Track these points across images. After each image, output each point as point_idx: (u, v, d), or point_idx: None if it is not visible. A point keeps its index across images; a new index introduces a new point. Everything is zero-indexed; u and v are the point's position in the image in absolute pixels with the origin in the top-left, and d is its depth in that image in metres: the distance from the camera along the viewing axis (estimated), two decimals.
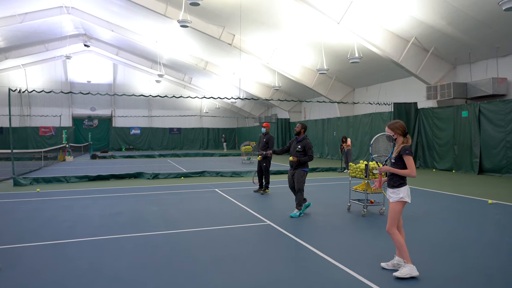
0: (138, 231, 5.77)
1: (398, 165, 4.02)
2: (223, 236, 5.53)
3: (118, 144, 38.06)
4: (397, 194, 4.00)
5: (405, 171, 3.96)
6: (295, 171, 7.11)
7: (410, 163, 3.94)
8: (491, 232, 5.66)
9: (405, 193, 3.99)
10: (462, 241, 5.23)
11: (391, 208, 4.04)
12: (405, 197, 3.99)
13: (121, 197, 9.09)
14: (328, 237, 5.54)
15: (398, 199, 3.99)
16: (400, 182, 4.00)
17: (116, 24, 25.18)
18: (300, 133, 7.20)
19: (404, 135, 4.07)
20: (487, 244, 5.06)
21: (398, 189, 4.00)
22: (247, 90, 30.08)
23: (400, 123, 4.11)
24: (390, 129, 4.09)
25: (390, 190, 4.08)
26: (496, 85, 14.07)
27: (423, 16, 13.64)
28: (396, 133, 4.06)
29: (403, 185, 4.01)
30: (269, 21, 17.51)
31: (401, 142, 4.06)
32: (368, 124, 20.26)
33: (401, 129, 4.06)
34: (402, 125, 4.09)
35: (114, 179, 12.59)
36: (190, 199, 8.82)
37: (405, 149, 3.97)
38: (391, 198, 4.07)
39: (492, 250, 4.79)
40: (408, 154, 3.95)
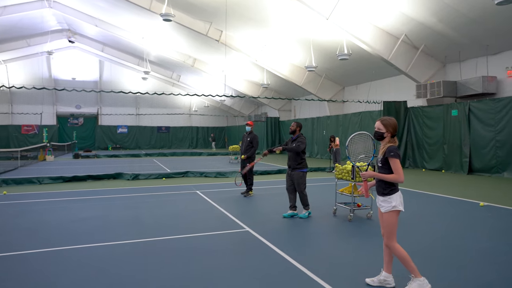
0: (97, 241, 5.24)
1: (385, 169, 3.52)
2: (192, 246, 5.04)
3: (104, 143, 37.22)
4: (389, 203, 3.51)
5: (391, 176, 3.46)
6: (293, 173, 6.76)
7: (396, 166, 3.44)
8: (485, 239, 5.28)
9: (398, 200, 3.51)
10: (455, 249, 4.83)
11: (385, 220, 3.55)
12: (398, 205, 3.50)
13: (94, 200, 8.53)
14: (309, 246, 5.09)
15: (391, 209, 3.50)
16: (391, 189, 3.51)
17: (100, 19, 24.44)
18: (295, 132, 6.92)
19: (393, 135, 3.59)
20: (482, 252, 4.67)
21: (389, 197, 3.51)
22: (236, 88, 29.58)
23: (393, 120, 3.62)
24: (382, 124, 3.57)
25: (380, 198, 3.59)
26: (486, 84, 13.83)
27: (413, 13, 13.31)
28: (388, 131, 3.54)
29: (395, 192, 3.52)
30: (257, 16, 17.03)
31: (387, 142, 3.56)
32: (357, 123, 19.94)
33: (393, 127, 3.56)
34: (395, 123, 3.60)
35: (92, 180, 11.99)
36: (168, 202, 8.31)
37: (390, 151, 3.46)
38: (382, 208, 3.57)
39: (488, 260, 4.40)
40: (394, 156, 3.44)
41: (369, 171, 3.67)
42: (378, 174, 3.54)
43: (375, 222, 6.31)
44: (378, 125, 3.61)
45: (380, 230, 4.32)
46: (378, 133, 3.61)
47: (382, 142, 3.61)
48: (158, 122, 39.36)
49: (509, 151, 12.72)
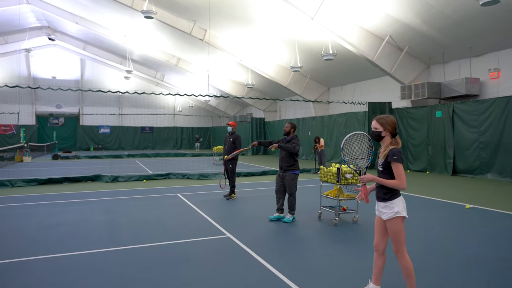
0: (66, 250, 4.86)
1: (386, 174, 3.20)
2: (168, 255, 4.73)
3: (86, 144, 36.28)
4: (391, 209, 3.19)
5: (392, 182, 3.14)
6: (285, 174, 6.51)
7: (399, 171, 3.13)
8: (473, 244, 5.13)
9: (401, 206, 3.19)
10: (444, 255, 4.65)
11: (390, 228, 3.20)
12: (402, 211, 3.18)
13: (69, 204, 8.10)
14: (293, 253, 4.84)
15: (394, 215, 3.17)
16: (392, 193, 3.20)
17: (81, 17, 23.75)
18: (290, 133, 6.66)
19: (394, 135, 3.26)
20: (471, 258, 4.51)
21: (391, 202, 3.19)
22: (221, 88, 29.24)
23: (391, 118, 3.28)
24: (379, 123, 3.25)
25: (381, 204, 3.28)
26: (469, 85, 13.91)
27: (398, 14, 13.27)
28: (386, 130, 3.22)
29: (396, 196, 3.20)
30: (242, 15, 16.76)
31: (389, 143, 3.23)
32: (343, 124, 19.88)
33: (392, 126, 3.23)
34: (393, 121, 3.26)
35: (68, 183, 11.49)
36: (146, 206, 7.95)
37: (393, 154, 3.13)
38: (384, 215, 3.24)
39: (478, 266, 4.23)
40: (397, 160, 3.12)
41: (368, 175, 3.30)
42: (378, 178, 3.22)
43: (361, 227, 6.12)
44: (374, 124, 3.29)
45: (371, 237, 4.09)
46: (375, 133, 3.29)
47: (383, 143, 3.28)
48: (141, 122, 38.61)
49: (492, 152, 12.80)
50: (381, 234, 3.34)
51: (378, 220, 3.35)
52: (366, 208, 7.35)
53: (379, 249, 3.35)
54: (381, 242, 3.34)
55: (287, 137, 6.72)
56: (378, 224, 3.35)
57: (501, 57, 13.60)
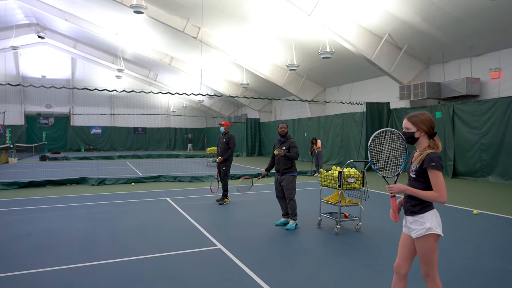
0: (34, 266, 4.27)
1: (420, 182, 2.64)
2: (150, 271, 4.17)
3: (76, 144, 35.47)
4: (421, 224, 2.62)
5: (429, 194, 2.57)
6: (282, 178, 6.10)
7: (438, 181, 2.55)
8: (488, 257, 4.64)
9: (434, 221, 2.61)
10: (458, 270, 4.15)
11: (419, 249, 2.65)
12: (435, 228, 2.60)
13: (47, 210, 7.50)
14: (290, 268, 4.31)
15: (424, 232, 2.60)
16: (423, 205, 2.64)
17: (71, 13, 23.06)
18: (286, 133, 6.32)
19: (431, 135, 2.69)
20: (489, 275, 4.02)
21: (421, 216, 2.63)
22: (215, 88, 28.69)
23: (426, 115, 2.69)
24: (410, 122, 2.70)
25: (410, 219, 2.71)
26: (469, 85, 13.52)
27: (397, 11, 12.83)
28: (420, 129, 2.66)
29: (429, 209, 2.63)
30: (236, 12, 16.24)
31: (426, 146, 2.67)
32: (339, 124, 19.43)
33: (428, 125, 2.66)
34: (428, 119, 2.68)
35: (51, 186, 10.85)
36: (131, 212, 7.37)
37: (431, 159, 2.56)
38: (413, 232, 2.68)
39: (498, 285, 3.74)
40: (435, 167, 2.55)
41: (399, 185, 2.70)
42: (412, 189, 2.65)
43: (365, 236, 5.61)
44: (406, 124, 2.74)
45: (377, 248, 3.61)
46: (407, 134, 2.73)
47: (418, 146, 2.71)
48: (134, 122, 37.87)
49: (494, 154, 12.40)
50: (406, 255, 2.77)
51: (405, 238, 2.77)
52: (370, 215, 6.85)
53: (401, 272, 2.79)
54: (404, 264, 2.78)
55: (281, 139, 6.29)
56: (404, 242, 2.77)
57: (502, 57, 13.22)
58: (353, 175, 5.83)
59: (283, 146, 6.19)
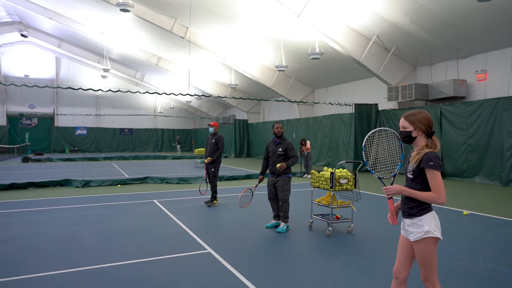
0: (14, 273, 4.05)
1: (417, 183, 2.55)
2: (134, 277, 3.99)
3: (61, 146, 34.68)
4: (419, 227, 2.52)
5: (427, 194, 2.47)
6: (278, 179, 5.98)
7: (436, 181, 2.44)
8: (481, 258, 4.60)
9: (432, 223, 2.51)
10: (451, 272, 4.10)
11: (417, 252, 2.55)
12: (433, 231, 2.50)
13: (30, 213, 7.21)
14: (283, 271, 4.18)
15: (423, 235, 2.50)
16: (421, 207, 2.54)
17: (55, 11, 22.51)
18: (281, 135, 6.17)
19: (429, 135, 2.59)
20: (484, 277, 3.97)
21: (419, 219, 2.53)
22: (203, 88, 28.43)
23: (424, 114, 2.58)
24: (407, 121, 2.60)
25: (407, 221, 2.61)
26: (456, 87, 13.67)
27: (386, 12, 12.89)
28: (417, 128, 2.56)
29: (427, 211, 2.53)
30: (225, 12, 16.08)
31: (424, 145, 2.57)
32: (328, 126, 19.44)
33: (425, 123, 2.56)
34: (426, 117, 2.57)
35: (34, 188, 10.49)
36: (117, 215, 7.14)
37: (429, 159, 2.46)
38: (410, 235, 2.58)
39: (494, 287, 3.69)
40: (434, 167, 2.44)
41: (396, 186, 2.59)
42: (409, 190, 2.54)
43: (357, 238, 5.53)
44: (402, 123, 2.63)
45: (370, 251, 3.52)
46: (404, 134, 2.62)
47: (415, 146, 2.61)
48: (120, 123, 37.26)
49: (480, 155, 12.53)
50: (405, 258, 2.67)
51: (403, 242, 2.66)
52: (362, 217, 6.79)
53: (400, 277, 2.68)
54: (403, 268, 2.67)
55: (276, 139, 6.16)
56: (403, 246, 2.67)
57: (488, 59, 13.41)
58: (345, 176, 5.74)
59: (279, 148, 6.05)
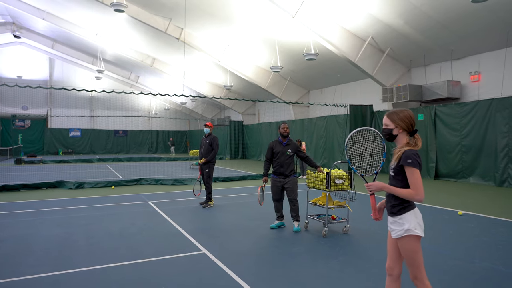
0: (5, 275, 3.99)
1: (398, 180, 2.58)
2: (130, 278, 3.93)
3: (54, 148, 34.38)
4: (400, 225, 2.55)
5: (405, 191, 2.50)
6: (287, 180, 5.93)
7: (414, 179, 2.48)
8: (477, 258, 4.60)
9: (413, 221, 2.53)
10: (448, 272, 4.08)
11: (402, 248, 2.57)
12: (414, 229, 2.52)
13: (22, 215, 7.10)
14: (280, 273, 4.14)
15: (403, 233, 2.53)
16: (402, 206, 2.56)
17: (49, 12, 22.34)
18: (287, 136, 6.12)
19: (411, 133, 2.62)
20: (481, 276, 3.96)
21: (400, 217, 2.56)
22: (198, 90, 28.35)
23: (406, 112, 2.62)
24: (389, 119, 2.65)
25: (390, 219, 2.66)
26: (450, 88, 13.74)
27: (381, 14, 12.93)
28: (398, 126, 2.60)
29: (408, 210, 2.55)
30: (220, 13, 16.05)
31: (405, 143, 2.61)
32: (323, 127, 19.46)
33: (406, 122, 2.59)
34: (408, 116, 2.61)
35: (26, 190, 10.36)
36: (111, 216, 7.06)
37: (407, 157, 2.49)
38: (393, 232, 2.62)
39: (491, 286, 3.68)
40: (412, 164, 2.47)
41: (378, 182, 2.63)
42: (389, 186, 2.59)
43: (353, 238, 5.50)
44: (385, 121, 2.67)
45: (366, 251, 3.49)
46: (385, 131, 2.67)
47: (397, 143, 2.65)
48: (114, 125, 37.02)
49: (474, 156, 12.60)
50: (394, 255, 2.69)
51: (391, 238, 2.70)
52: (357, 217, 6.77)
53: (393, 274, 2.69)
54: (395, 265, 2.69)
55: (283, 140, 6.09)
56: (391, 242, 2.70)
57: (481, 60, 13.50)
58: (341, 176, 5.72)
59: (288, 149, 6.02)
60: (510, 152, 11.51)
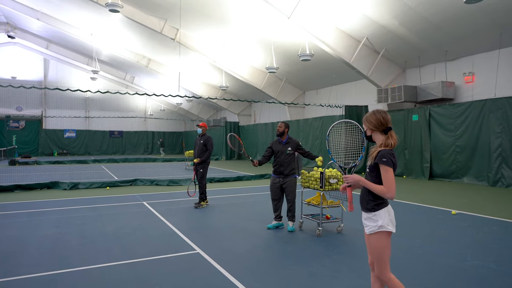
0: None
1: (373, 177, 2.68)
2: (121, 278, 3.92)
3: (49, 148, 34.16)
4: (374, 222, 2.66)
5: (378, 188, 2.61)
6: (286, 180, 5.88)
7: (387, 177, 2.58)
8: (470, 256, 4.64)
9: (386, 218, 2.64)
10: (441, 269, 4.12)
11: (371, 244, 2.69)
12: (387, 225, 2.63)
13: (16, 216, 7.05)
14: (275, 272, 4.15)
15: (376, 229, 2.64)
16: (376, 203, 2.67)
17: (43, 12, 22.22)
18: (284, 134, 6.04)
19: (385, 131, 2.71)
20: (473, 274, 3.99)
21: (373, 214, 2.66)
22: (193, 90, 28.32)
23: (376, 114, 2.74)
24: (363, 122, 2.82)
25: (364, 215, 2.77)
26: (445, 89, 13.83)
27: (376, 15, 13.01)
28: (369, 128, 2.75)
29: (382, 207, 2.66)
30: (215, 14, 16.06)
31: (381, 143, 2.71)
32: (318, 128, 19.52)
33: (374, 122, 2.71)
34: (377, 117, 2.72)
35: (20, 191, 10.29)
36: (106, 217, 7.04)
37: (382, 156, 2.60)
38: (366, 228, 2.73)
39: (483, 285, 3.71)
40: (386, 163, 2.58)
41: (355, 175, 2.75)
42: (365, 180, 2.70)
43: (347, 238, 5.53)
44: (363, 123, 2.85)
45: (360, 250, 3.51)
46: (364, 134, 2.85)
47: (376, 142, 2.77)
48: (110, 126, 36.87)
49: (468, 156, 12.70)
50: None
51: (366, 235, 2.79)
52: (351, 217, 6.80)
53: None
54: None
55: (281, 139, 6.06)
56: (367, 238, 2.79)
57: (475, 61, 13.62)
58: (335, 175, 5.75)
59: (288, 147, 5.96)
60: (503, 152, 11.62)
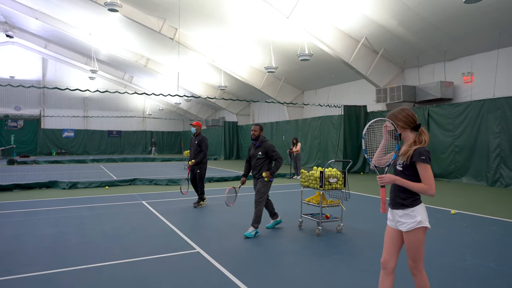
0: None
1: (407, 176, 2.64)
2: (121, 277, 3.91)
3: (47, 148, 34.09)
4: (412, 218, 2.60)
5: (419, 185, 2.56)
6: (258, 181, 5.76)
7: (427, 174, 2.54)
8: (470, 255, 4.65)
9: (423, 214, 2.62)
10: (441, 269, 4.13)
11: (409, 242, 2.62)
12: (424, 221, 2.61)
13: (14, 215, 7.03)
14: (274, 270, 4.15)
15: (416, 225, 2.59)
16: (414, 198, 2.63)
17: (42, 12, 22.17)
18: (259, 137, 5.87)
19: (415, 128, 2.68)
20: (473, 273, 4.00)
21: (412, 210, 2.61)
22: (192, 90, 28.31)
23: (403, 111, 2.70)
24: (389, 122, 2.71)
25: (399, 212, 2.67)
26: (443, 89, 13.87)
27: (374, 15, 13.02)
28: (399, 126, 2.68)
29: (419, 203, 2.63)
30: (214, 13, 16.05)
31: (412, 141, 2.67)
32: (317, 127, 19.53)
33: (404, 120, 2.67)
34: (405, 114, 2.69)
35: (19, 190, 10.26)
36: (105, 216, 7.02)
37: (420, 153, 2.56)
38: (403, 226, 2.65)
39: (484, 284, 3.72)
40: (425, 161, 2.55)
41: (390, 175, 2.64)
42: (403, 180, 2.60)
43: (346, 237, 5.53)
44: (386, 123, 2.75)
45: (360, 249, 3.52)
46: (390, 133, 2.73)
47: (405, 140, 2.71)
48: (108, 125, 36.82)
49: (467, 156, 12.72)
50: (393, 249, 2.74)
51: (391, 232, 2.74)
52: (351, 216, 6.81)
53: (388, 267, 2.74)
54: (391, 258, 2.74)
55: (255, 142, 5.89)
56: (391, 236, 2.74)
57: (474, 61, 13.65)
58: (335, 175, 5.75)
59: (259, 151, 5.78)
60: (502, 152, 11.65)
